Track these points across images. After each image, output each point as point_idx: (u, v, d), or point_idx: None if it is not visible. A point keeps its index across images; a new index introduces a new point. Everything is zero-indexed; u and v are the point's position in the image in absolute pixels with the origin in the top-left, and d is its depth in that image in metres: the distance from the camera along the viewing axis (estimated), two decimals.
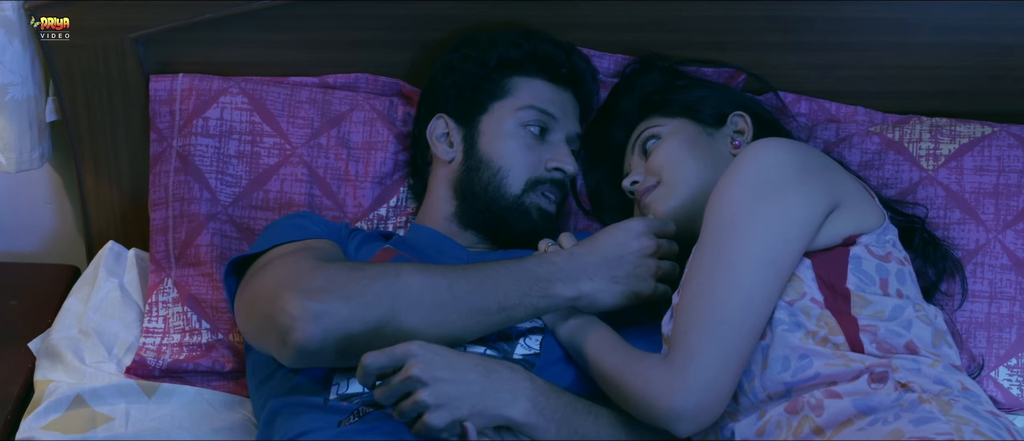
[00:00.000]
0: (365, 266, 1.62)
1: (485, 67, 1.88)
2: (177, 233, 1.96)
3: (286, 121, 2.00)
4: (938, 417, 1.42)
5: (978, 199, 1.90)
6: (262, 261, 1.70)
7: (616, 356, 1.59)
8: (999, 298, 1.87)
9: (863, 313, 1.53)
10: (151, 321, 1.93)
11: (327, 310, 1.52)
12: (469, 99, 1.88)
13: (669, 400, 1.49)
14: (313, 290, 1.54)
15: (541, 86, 1.89)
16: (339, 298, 1.53)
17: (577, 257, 1.65)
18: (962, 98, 2.03)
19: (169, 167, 1.98)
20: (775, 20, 1.99)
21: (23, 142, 2.00)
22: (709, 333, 1.49)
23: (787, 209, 1.52)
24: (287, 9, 2.00)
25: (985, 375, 1.86)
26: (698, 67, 1.99)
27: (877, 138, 1.95)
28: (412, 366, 1.47)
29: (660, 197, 1.76)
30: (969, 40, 2.00)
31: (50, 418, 1.79)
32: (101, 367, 1.88)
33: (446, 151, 1.88)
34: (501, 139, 1.85)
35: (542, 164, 1.84)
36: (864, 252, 1.57)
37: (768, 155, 1.55)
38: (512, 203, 1.83)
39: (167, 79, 2.01)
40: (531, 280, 1.61)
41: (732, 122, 1.81)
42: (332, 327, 1.52)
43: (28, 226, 2.23)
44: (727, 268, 1.50)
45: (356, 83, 2.06)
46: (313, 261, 1.62)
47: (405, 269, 1.59)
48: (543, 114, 1.86)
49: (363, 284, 1.55)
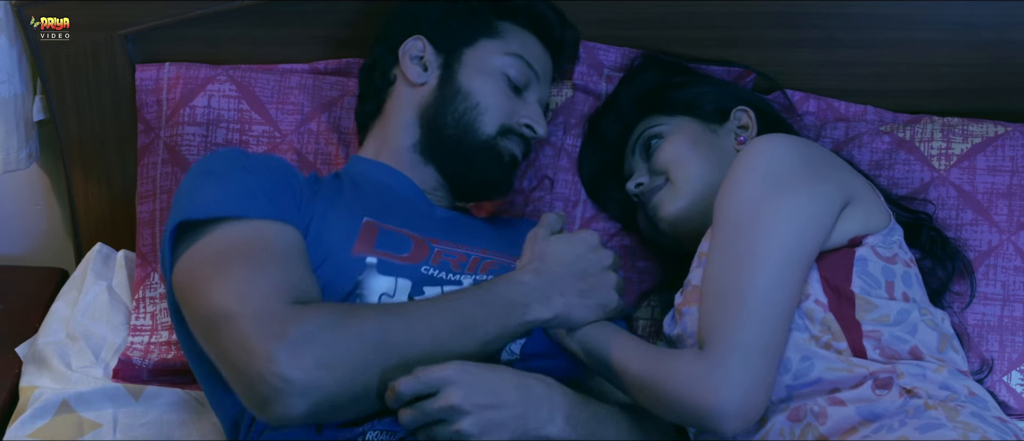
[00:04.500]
0: (348, 320, 1.44)
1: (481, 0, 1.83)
2: (164, 226, 1.92)
3: (275, 108, 1.98)
4: (945, 424, 1.41)
5: (991, 200, 1.89)
6: (209, 246, 1.50)
7: (643, 358, 1.54)
8: (1012, 301, 1.85)
9: (867, 317, 1.52)
10: (138, 318, 1.93)
11: (315, 385, 1.38)
12: (455, 28, 1.82)
13: (714, 396, 1.44)
14: (294, 353, 1.37)
15: (531, 41, 1.84)
16: (326, 368, 1.39)
17: (543, 273, 1.58)
18: (974, 96, 2.03)
19: (156, 159, 1.97)
20: (784, 17, 1.99)
21: (10, 141, 1.99)
22: (747, 325, 1.46)
23: (803, 203, 1.50)
24: (278, 6, 2.00)
25: (997, 380, 1.84)
26: (707, 65, 1.99)
27: (887, 137, 1.94)
28: (452, 395, 1.41)
29: (668, 197, 1.74)
30: (982, 37, 1.99)
31: (36, 425, 1.79)
32: (88, 372, 1.87)
33: (419, 73, 1.81)
34: (484, 76, 1.79)
35: (516, 116, 1.79)
36: (870, 254, 1.55)
37: (777, 150, 1.54)
38: (483, 143, 1.77)
39: (153, 68, 2.00)
40: (508, 309, 1.54)
41: (735, 117, 1.80)
42: (320, 401, 1.39)
43: (15, 228, 2.23)
44: (756, 262, 1.48)
45: (348, 68, 2.04)
46: (285, 290, 1.44)
47: (389, 322, 1.47)
48: (529, 68, 1.81)
49: (350, 348, 1.41)
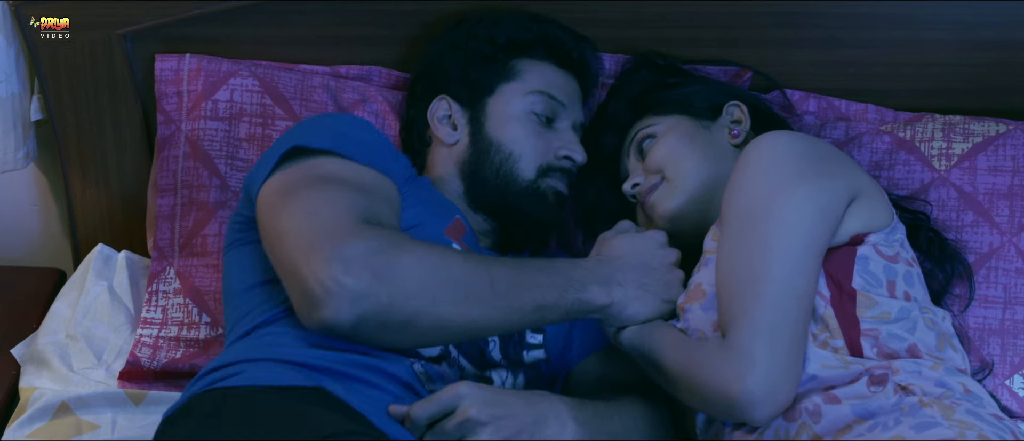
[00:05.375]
0: (412, 243, 1.46)
1: (492, 46, 1.83)
2: (184, 221, 1.94)
3: (299, 104, 1.97)
4: (940, 422, 1.40)
5: (992, 201, 1.88)
6: (309, 169, 1.55)
7: (677, 350, 1.55)
8: (1014, 304, 1.85)
9: (867, 314, 1.52)
10: (149, 311, 1.92)
11: (367, 293, 1.39)
12: (474, 80, 1.82)
13: (739, 384, 1.44)
14: (352, 261, 1.39)
15: (550, 71, 1.84)
16: (381, 281, 1.39)
17: (605, 263, 1.61)
18: (976, 96, 2.01)
19: (177, 152, 1.95)
20: (784, 16, 1.98)
21: (7, 141, 1.99)
22: (768, 312, 1.46)
23: (814, 194, 1.51)
24: (278, 6, 1.99)
25: (999, 383, 1.84)
26: (702, 66, 1.97)
27: (888, 137, 1.94)
28: (468, 408, 1.45)
29: (664, 195, 1.74)
30: (983, 36, 1.99)
31: (34, 426, 1.78)
32: (89, 374, 1.87)
33: (449, 134, 1.82)
34: (509, 123, 1.80)
35: (552, 151, 1.80)
36: (871, 252, 1.55)
37: (784, 145, 1.55)
38: (526, 188, 1.78)
39: (173, 59, 1.98)
40: (567, 282, 1.55)
41: (728, 112, 1.80)
42: (369, 313, 1.40)
43: (12, 228, 2.22)
44: (770, 252, 1.48)
45: (369, 75, 2.03)
46: (361, 212, 1.46)
47: (450, 256, 1.49)
48: (552, 101, 1.82)
49: (408, 267, 1.42)
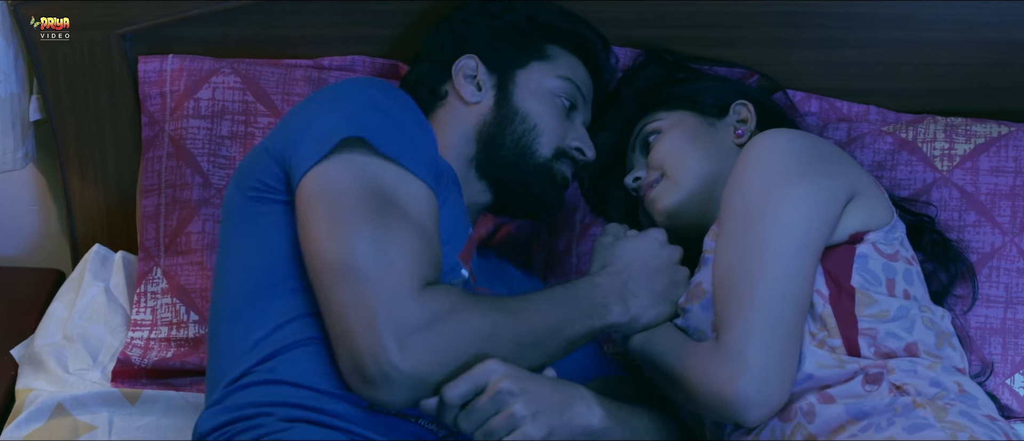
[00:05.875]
0: (466, 310, 1.46)
1: (532, 23, 1.84)
2: (168, 220, 1.94)
3: (281, 99, 1.97)
4: (933, 424, 1.40)
5: (994, 201, 1.88)
6: (368, 180, 1.50)
7: (674, 352, 1.56)
8: (1015, 303, 1.85)
9: (866, 312, 1.52)
10: (139, 313, 1.92)
11: (424, 379, 1.41)
12: (505, 49, 1.82)
13: (731, 385, 1.45)
14: (411, 344, 1.40)
15: (577, 64, 1.86)
16: (440, 365, 1.42)
17: (617, 275, 1.62)
18: (978, 96, 2.01)
19: (161, 152, 1.96)
20: (786, 16, 1.98)
21: (6, 141, 1.99)
22: (761, 313, 1.46)
23: (811, 193, 1.51)
24: (277, 5, 1.99)
25: (1000, 383, 1.84)
26: (710, 66, 1.97)
27: (890, 138, 1.93)
28: (500, 381, 1.42)
29: (665, 191, 1.74)
30: (985, 37, 1.98)
31: (31, 427, 1.78)
32: (85, 375, 1.87)
33: (473, 92, 1.81)
34: (539, 98, 1.80)
35: (567, 139, 1.81)
36: (871, 250, 1.55)
37: (783, 144, 1.55)
38: (540, 165, 1.78)
39: (156, 60, 1.99)
40: (592, 310, 1.56)
41: (735, 111, 1.79)
42: (422, 391, 1.42)
43: (11, 228, 2.22)
44: (766, 251, 1.48)
45: (352, 65, 2.03)
46: (421, 271, 1.45)
47: (502, 321, 1.48)
48: (578, 92, 1.83)
49: (464, 343, 1.44)
